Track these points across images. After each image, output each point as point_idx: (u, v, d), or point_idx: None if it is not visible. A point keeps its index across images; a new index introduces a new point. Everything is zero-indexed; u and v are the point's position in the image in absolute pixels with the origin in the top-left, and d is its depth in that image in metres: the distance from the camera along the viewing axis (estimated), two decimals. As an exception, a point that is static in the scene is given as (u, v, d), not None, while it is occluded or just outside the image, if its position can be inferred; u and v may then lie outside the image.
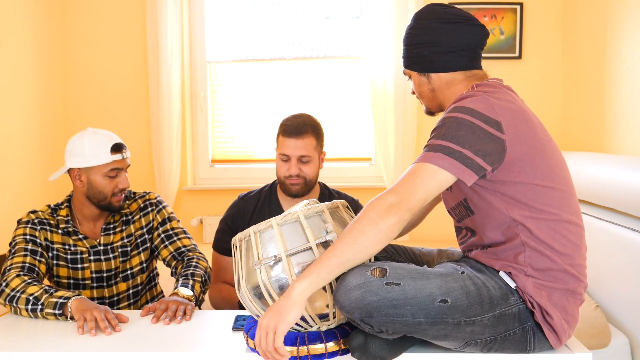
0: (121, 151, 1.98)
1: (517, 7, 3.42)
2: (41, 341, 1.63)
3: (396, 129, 3.43)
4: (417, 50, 1.56)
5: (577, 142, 3.24)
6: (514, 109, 1.42)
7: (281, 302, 1.34)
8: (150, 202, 2.12)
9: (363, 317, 1.31)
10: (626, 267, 2.17)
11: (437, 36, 1.52)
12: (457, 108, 1.41)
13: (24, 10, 3.25)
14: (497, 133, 1.37)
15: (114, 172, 1.96)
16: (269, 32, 3.74)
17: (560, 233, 1.41)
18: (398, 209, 1.34)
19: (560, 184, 1.44)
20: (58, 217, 2.03)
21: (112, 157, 1.95)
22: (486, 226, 1.46)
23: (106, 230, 2.05)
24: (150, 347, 1.56)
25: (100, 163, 1.94)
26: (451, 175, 1.36)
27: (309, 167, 2.11)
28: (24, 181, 3.22)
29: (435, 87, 1.57)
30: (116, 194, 1.98)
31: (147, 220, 2.10)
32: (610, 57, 2.83)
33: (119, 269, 2.06)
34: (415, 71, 1.59)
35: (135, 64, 3.66)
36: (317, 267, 1.33)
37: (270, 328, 1.33)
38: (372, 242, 1.34)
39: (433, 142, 1.39)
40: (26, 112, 3.25)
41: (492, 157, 1.37)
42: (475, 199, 1.45)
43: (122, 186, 1.98)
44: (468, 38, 1.53)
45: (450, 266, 1.44)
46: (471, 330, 1.35)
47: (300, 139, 2.09)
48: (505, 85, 1.53)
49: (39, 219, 2.01)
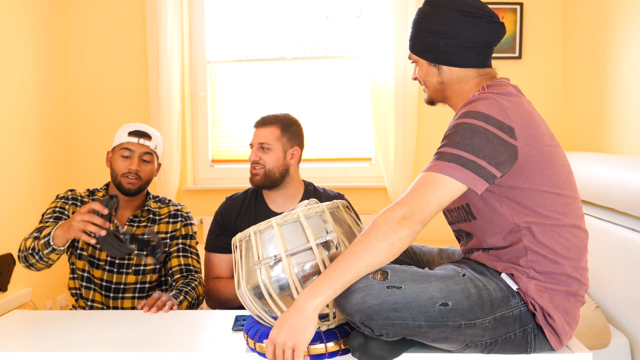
0: (139, 137, 2.14)
1: (517, 7, 3.42)
2: (41, 341, 1.63)
3: (396, 129, 3.43)
4: (431, 39, 1.49)
5: (577, 142, 3.24)
6: (524, 113, 1.40)
7: (295, 318, 1.31)
8: (182, 213, 2.25)
9: (364, 320, 1.31)
10: (626, 267, 2.17)
11: (457, 29, 1.47)
12: (470, 113, 1.37)
13: (24, 10, 3.25)
14: (511, 140, 1.35)
15: (126, 151, 2.12)
16: (269, 32, 3.74)
17: (564, 237, 1.41)
18: (411, 221, 1.31)
19: (567, 189, 1.43)
20: (94, 198, 2.18)
21: (127, 139, 2.13)
22: (487, 232, 1.44)
23: (131, 222, 2.17)
24: (150, 347, 1.56)
25: (117, 143, 2.15)
26: (464, 185, 1.33)
27: (268, 155, 2.19)
28: (24, 181, 3.21)
29: (444, 80, 1.53)
30: (126, 175, 2.11)
31: (174, 227, 2.21)
32: (610, 57, 2.83)
33: (132, 260, 2.14)
34: (425, 59, 1.53)
35: (135, 64, 3.66)
36: (331, 282, 1.30)
37: (288, 346, 1.31)
38: (384, 255, 1.32)
39: (446, 150, 1.35)
40: (26, 112, 3.25)
41: (505, 164, 1.35)
42: (479, 205, 1.43)
43: (131, 167, 2.11)
44: (487, 35, 1.49)
45: (452, 268, 1.43)
46: (471, 332, 1.35)
47: (263, 128, 2.23)
48: (513, 85, 1.50)
49: (74, 196, 2.17)
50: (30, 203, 3.21)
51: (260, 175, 2.20)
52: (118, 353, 1.52)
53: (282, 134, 2.22)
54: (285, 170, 2.21)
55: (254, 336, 1.46)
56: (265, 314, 1.47)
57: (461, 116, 1.38)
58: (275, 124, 2.23)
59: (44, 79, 3.44)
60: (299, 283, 1.41)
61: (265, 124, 2.23)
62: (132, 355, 1.51)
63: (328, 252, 1.43)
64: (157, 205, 2.23)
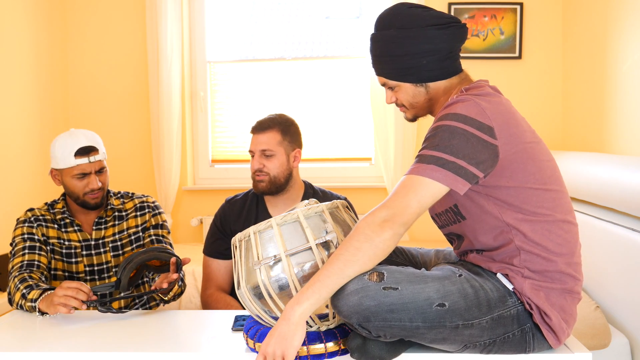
0: (88, 155, 1.98)
1: (517, 7, 3.42)
2: (41, 341, 1.63)
3: (396, 129, 3.43)
4: (411, 61, 1.48)
5: (577, 142, 3.24)
6: (504, 112, 1.41)
7: (282, 326, 1.32)
8: (148, 204, 2.16)
9: (361, 321, 1.31)
10: (626, 267, 2.17)
11: (437, 44, 1.47)
12: (448, 115, 1.38)
13: (24, 10, 3.25)
14: (490, 139, 1.35)
15: (80, 175, 1.99)
16: (269, 32, 3.74)
17: (555, 233, 1.41)
18: (392, 223, 1.32)
19: (552, 184, 1.43)
20: (55, 211, 2.09)
21: (76, 162, 1.97)
22: (478, 231, 1.45)
23: (98, 225, 2.10)
24: (150, 347, 1.56)
25: (66, 166, 1.98)
26: (445, 186, 1.34)
27: (271, 162, 2.13)
28: (24, 181, 3.22)
29: (432, 96, 1.53)
30: (88, 193, 2.01)
31: (143, 219, 2.14)
32: (610, 57, 2.83)
33: (110, 263, 2.09)
34: (409, 82, 1.52)
35: (135, 64, 3.66)
36: (317, 288, 1.31)
37: (278, 355, 1.32)
38: (369, 257, 1.33)
39: (425, 152, 1.37)
40: (26, 112, 3.25)
41: (486, 164, 1.36)
42: (467, 205, 1.44)
43: (91, 187, 2.00)
44: (460, 41, 1.51)
45: (448, 269, 1.43)
46: (469, 333, 1.35)
47: (262, 134, 2.15)
48: (491, 85, 1.51)
49: (35, 216, 2.06)
50: (30, 203, 3.20)
51: (265, 182, 2.13)
52: (118, 353, 1.52)
53: (283, 138, 2.15)
54: (290, 174, 2.17)
55: (254, 336, 1.47)
56: (265, 314, 1.47)
57: (440, 119, 1.40)
58: (274, 128, 2.15)
59: (44, 79, 3.44)
60: (298, 283, 1.41)
61: (264, 129, 2.15)
62: (132, 355, 1.51)
63: (328, 252, 1.43)
64: (121, 202, 2.13)
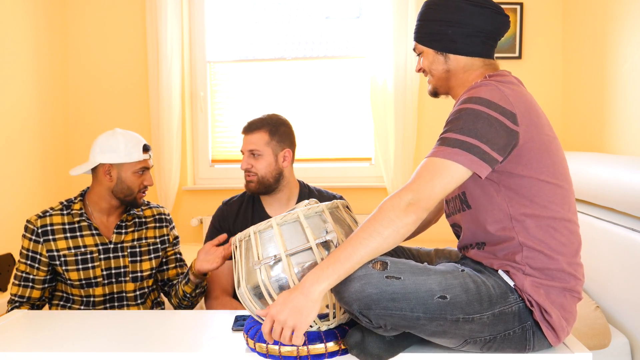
0: (149, 151, 2.11)
1: (517, 7, 3.42)
2: (41, 341, 1.63)
3: (396, 129, 3.43)
4: (439, 28, 1.52)
5: (577, 142, 3.24)
6: (526, 101, 1.42)
7: (300, 299, 1.31)
8: (165, 217, 2.22)
9: (362, 309, 1.30)
10: (626, 267, 2.17)
11: (465, 17, 1.50)
12: (472, 99, 1.38)
13: (24, 10, 3.25)
14: (513, 125, 1.36)
15: (142, 170, 2.08)
16: (269, 32, 3.74)
17: (559, 232, 1.41)
18: (417, 208, 1.32)
19: (564, 181, 1.44)
20: (72, 212, 2.06)
21: (143, 156, 2.07)
22: (481, 223, 1.45)
23: (118, 229, 2.11)
24: (150, 347, 1.56)
25: (132, 160, 2.05)
26: (469, 170, 1.34)
27: (259, 162, 2.16)
28: (24, 181, 3.22)
29: (451, 69, 1.54)
30: (141, 191, 2.09)
31: (162, 233, 2.19)
32: (610, 57, 2.83)
33: (127, 268, 2.10)
34: (432, 48, 1.55)
35: (135, 64, 3.66)
36: (336, 267, 1.31)
37: (289, 326, 1.31)
38: (389, 242, 1.33)
39: (450, 135, 1.36)
40: (26, 112, 3.25)
41: (506, 150, 1.37)
42: (476, 193, 1.44)
43: (147, 183, 2.10)
44: (493, 25, 1.52)
45: (451, 264, 1.44)
46: (470, 328, 1.35)
47: (251, 134, 2.19)
48: (514, 76, 1.53)
49: (44, 227, 2.03)
50: (30, 203, 3.21)
51: (254, 182, 2.17)
52: (118, 353, 1.52)
53: (271, 138, 2.17)
54: (279, 174, 2.18)
55: (254, 336, 1.47)
56: (265, 314, 1.47)
57: (463, 102, 1.40)
58: (262, 129, 2.18)
59: (44, 79, 3.44)
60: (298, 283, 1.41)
61: (253, 129, 2.19)
62: (132, 355, 1.51)
63: (328, 252, 1.43)
64: (140, 208, 2.17)
